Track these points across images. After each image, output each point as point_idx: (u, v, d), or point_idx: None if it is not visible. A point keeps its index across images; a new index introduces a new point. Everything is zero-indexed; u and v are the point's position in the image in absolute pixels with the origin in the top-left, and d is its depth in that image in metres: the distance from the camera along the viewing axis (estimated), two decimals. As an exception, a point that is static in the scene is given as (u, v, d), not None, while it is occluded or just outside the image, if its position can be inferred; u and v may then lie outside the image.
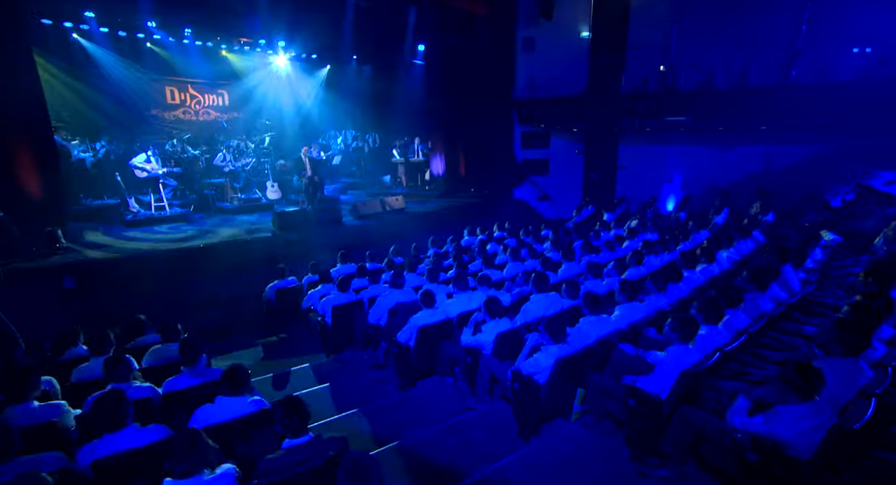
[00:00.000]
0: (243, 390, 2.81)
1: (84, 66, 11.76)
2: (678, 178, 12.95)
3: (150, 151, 9.88)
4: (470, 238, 9.08)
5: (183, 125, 14.07)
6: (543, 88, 13.01)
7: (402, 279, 5.29)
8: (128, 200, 9.77)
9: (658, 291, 4.39)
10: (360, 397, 4.61)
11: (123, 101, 12.57)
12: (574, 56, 12.97)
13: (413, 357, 4.52)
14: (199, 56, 13.51)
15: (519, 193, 13.86)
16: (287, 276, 6.74)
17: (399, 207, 10.99)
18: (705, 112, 11.33)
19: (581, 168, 13.83)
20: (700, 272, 5.17)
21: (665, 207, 12.58)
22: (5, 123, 6.89)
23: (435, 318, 4.52)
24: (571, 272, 5.98)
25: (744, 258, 6.18)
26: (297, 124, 15.73)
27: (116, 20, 11.45)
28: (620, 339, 3.81)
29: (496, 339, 4.03)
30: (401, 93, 15.58)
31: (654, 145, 13.13)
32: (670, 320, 3.19)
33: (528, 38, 13.06)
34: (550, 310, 4.43)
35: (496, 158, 13.50)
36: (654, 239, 7.04)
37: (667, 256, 6.19)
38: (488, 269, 6.14)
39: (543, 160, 13.86)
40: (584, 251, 6.41)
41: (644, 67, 12.58)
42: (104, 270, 7.13)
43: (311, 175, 10.97)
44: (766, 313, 3.91)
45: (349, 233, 9.74)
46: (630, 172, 13.30)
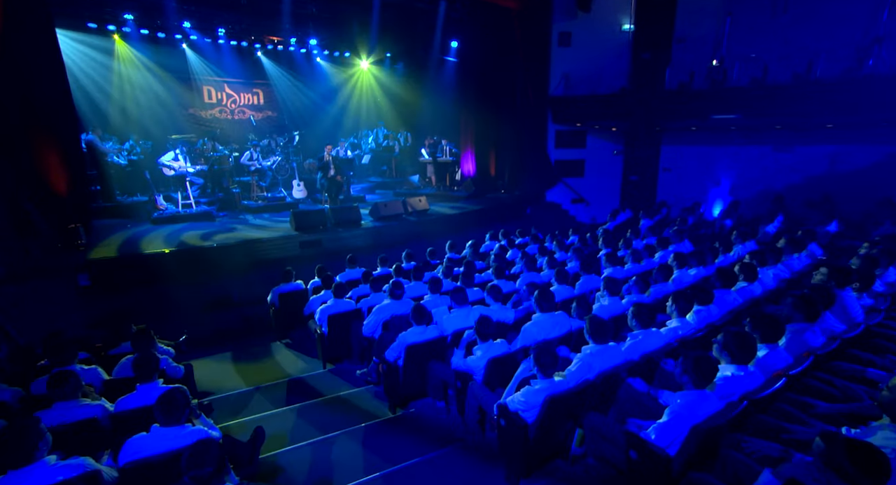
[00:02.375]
0: (179, 418, 2.51)
1: (127, 67, 12.18)
2: (727, 181, 11.90)
3: (178, 150, 10.04)
4: (490, 243, 8.61)
5: (219, 124, 14.37)
6: (580, 85, 12.28)
7: (401, 290, 4.90)
8: (156, 197, 9.95)
9: (681, 316, 3.78)
10: (347, 417, 4.28)
11: (162, 100, 12.93)
12: (613, 50, 12.18)
13: (402, 377, 4.14)
14: (234, 56, 13.74)
15: (552, 195, 13.19)
16: (293, 279, 6.52)
17: (422, 208, 10.64)
18: (760, 109, 10.23)
19: (620, 170, 13.02)
20: (737, 293, 4.48)
21: (711, 214, 11.58)
22: (33, 122, 7.05)
23: (426, 336, 4.11)
24: (591, 286, 5.41)
25: (795, 276, 5.38)
26: (329, 123, 15.74)
27: (156, 22, 11.76)
28: (631, 372, 3.26)
29: (488, 364, 3.57)
30: (432, 91, 15.23)
31: (700, 146, 12.14)
32: (682, 359, 2.63)
33: (564, 33, 12.37)
34: (554, 332, 3.92)
35: (528, 159, 12.89)
36: (688, 250, 6.32)
37: (702, 272, 5.48)
38: (499, 279, 5.65)
39: (579, 161, 13.12)
40: (608, 263, 5.79)
41: (691, 61, 11.62)
42: (121, 268, 7.18)
43: (334, 175, 10.81)
44: (814, 350, 3.23)
45: (368, 235, 9.48)
46: (674, 174, 12.37)
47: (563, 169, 13.12)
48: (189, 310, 7.21)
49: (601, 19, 12.27)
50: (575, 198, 13.18)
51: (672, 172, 12.32)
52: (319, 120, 15.77)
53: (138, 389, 3.07)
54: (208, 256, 7.87)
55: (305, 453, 3.72)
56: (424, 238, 10.04)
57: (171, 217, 9.58)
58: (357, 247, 9.05)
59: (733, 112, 10.41)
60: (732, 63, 11.10)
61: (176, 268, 7.55)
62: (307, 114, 15.64)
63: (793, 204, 10.12)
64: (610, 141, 13.02)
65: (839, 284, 4.00)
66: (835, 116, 9.59)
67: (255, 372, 5.43)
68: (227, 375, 5.37)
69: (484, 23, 12.15)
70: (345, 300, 5.35)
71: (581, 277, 5.46)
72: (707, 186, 12.04)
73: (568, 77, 12.39)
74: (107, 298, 6.93)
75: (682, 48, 11.99)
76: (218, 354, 5.94)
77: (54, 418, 2.74)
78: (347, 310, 5.27)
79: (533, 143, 12.89)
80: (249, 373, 5.41)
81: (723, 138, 11.99)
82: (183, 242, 8.09)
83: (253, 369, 5.51)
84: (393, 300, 4.89)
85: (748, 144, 11.65)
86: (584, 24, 12.34)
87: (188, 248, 7.81)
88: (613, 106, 12.12)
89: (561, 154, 13.04)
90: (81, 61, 11.57)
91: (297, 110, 15.54)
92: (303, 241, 8.53)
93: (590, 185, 13.10)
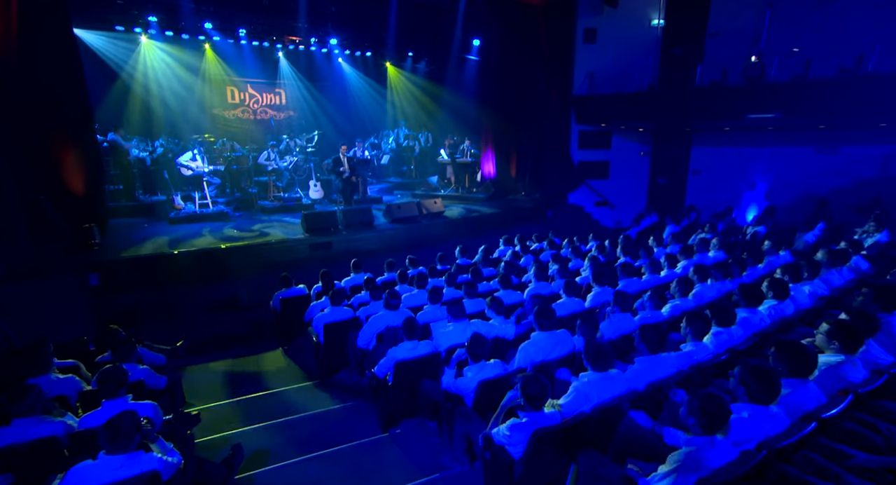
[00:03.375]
0: (127, 445, 2.31)
1: (153, 68, 12.41)
2: (762, 184, 11.16)
3: (196, 150, 10.10)
4: (505, 248, 8.26)
5: (241, 124, 14.53)
6: (605, 83, 11.76)
7: (397, 299, 4.65)
8: (174, 197, 10.05)
9: (696, 339, 3.38)
10: (336, 434, 4.06)
11: (187, 100, 13.13)
12: (641, 47, 11.60)
13: (391, 394, 3.88)
14: (256, 57, 13.85)
15: (574, 198, 12.70)
16: (293, 284, 6.35)
17: (437, 210, 10.38)
18: (803, 107, 9.49)
19: (647, 172, 12.44)
20: (766, 312, 4.02)
21: (745, 219, 10.87)
22: (50, 122, 7.15)
23: (417, 352, 3.83)
24: (604, 299, 5.01)
25: (835, 294, 4.84)
26: (349, 123, 15.69)
27: (179, 24, 11.91)
28: (635, 403, 2.90)
29: (478, 387, 3.27)
30: (454, 90, 14.99)
31: (733, 147, 11.44)
32: (687, 398, 2.27)
33: (589, 30, 11.86)
34: (554, 353, 3.58)
35: (550, 160, 12.44)
36: (712, 261, 5.83)
37: (727, 286, 5.01)
38: (506, 289, 5.33)
39: (603, 162, 12.58)
40: (622, 273, 5.37)
41: (725, 57, 10.94)
42: (131, 269, 7.20)
43: (349, 175, 10.68)
44: (854, 387, 2.79)
45: (381, 237, 9.28)
46: (704, 177, 11.70)
47: (587, 171, 12.61)
48: (196, 312, 7.18)
49: (629, 14, 11.71)
50: (598, 201, 12.66)
51: (702, 175, 11.64)
52: (340, 120, 15.75)
53: (104, 405, 2.91)
54: (218, 258, 7.83)
55: (285, 475, 3.51)
56: (439, 241, 9.79)
57: (187, 217, 9.65)
58: (369, 250, 8.87)
59: (772, 111, 9.71)
60: (771, 58, 10.37)
61: (185, 269, 7.54)
62: (328, 114, 15.64)
63: (837, 210, 9.36)
64: (636, 142, 12.43)
65: (886, 306, 3.50)
66: (890, 115, 8.78)
67: (250, 381, 5.29)
68: (221, 382, 5.25)
69: (506, 20, 11.79)
70: (342, 308, 5.13)
71: (593, 289, 5.08)
72: (740, 190, 11.32)
73: (592, 75, 11.88)
74: (116, 299, 6.95)
75: (715, 43, 11.32)
76: (217, 359, 5.85)
77: (9, 437, 2.61)
78: (344, 318, 5.06)
79: (555, 143, 12.44)
80: (244, 381, 5.26)
81: (759, 139, 11.25)
82: (195, 242, 8.10)
83: (249, 378, 5.37)
84: (388, 311, 4.64)
85: (787, 145, 10.87)
86: (611, 19, 11.81)
87: (198, 249, 7.79)
88: (640, 105, 11.54)
89: (584, 155, 12.54)
90: (110, 62, 11.83)
91: (318, 110, 15.56)
92: (312, 243, 8.40)
93: (615, 187, 12.54)
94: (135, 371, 3.57)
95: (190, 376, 5.28)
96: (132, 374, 3.55)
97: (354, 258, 6.77)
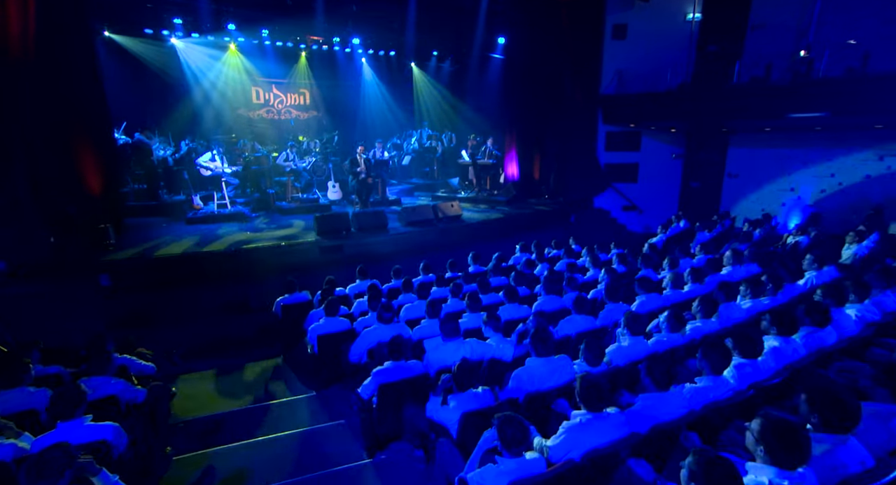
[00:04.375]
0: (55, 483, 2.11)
1: (179, 68, 12.61)
2: (807, 189, 10.32)
3: (215, 150, 10.15)
4: (521, 255, 7.86)
5: (265, 124, 14.63)
6: (635, 82, 11.16)
7: (390, 313, 4.37)
8: (193, 197, 10.13)
9: (714, 373, 2.95)
10: (318, 456, 3.83)
11: (213, 101, 13.30)
12: (675, 42, 10.94)
13: (376, 418, 3.61)
14: (280, 57, 13.93)
15: (600, 202, 12.14)
16: (297, 289, 6.17)
17: (454, 214, 10.06)
18: (857, 104, 8.65)
19: (679, 175, 11.74)
20: (802, 341, 3.52)
21: (786, 227, 10.07)
22: (68, 122, 7.26)
23: (403, 373, 3.54)
24: (618, 317, 4.58)
25: (888, 319, 4.24)
26: (372, 123, 15.59)
27: (204, 25, 12.05)
28: (635, 450, 2.51)
29: (462, 419, 2.95)
30: (478, 89, 14.68)
31: (775, 148, 10.62)
32: (690, 458, 1.88)
33: (619, 25, 11.29)
34: (550, 382, 3.21)
35: (575, 162, 11.94)
36: (743, 275, 5.29)
37: (760, 306, 4.49)
38: (511, 303, 4.97)
39: (632, 164, 11.97)
40: (640, 288, 4.92)
41: (767, 52, 10.16)
42: (142, 270, 7.22)
43: (366, 176, 10.51)
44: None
45: (394, 241, 9.04)
46: (741, 180, 10.94)
47: (614, 173, 12.03)
48: (204, 314, 7.13)
49: (662, 9, 11.07)
50: (626, 205, 12.05)
51: (739, 178, 10.88)
52: (364, 120, 15.68)
53: (59, 427, 2.75)
54: (230, 260, 7.77)
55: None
56: (455, 246, 9.47)
57: (204, 217, 9.69)
58: (381, 254, 8.64)
59: (820, 109, 8.91)
60: (821, 52, 9.54)
61: (197, 270, 7.53)
62: (351, 114, 15.60)
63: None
64: (668, 143, 11.76)
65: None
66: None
67: (243, 391, 5.13)
68: (214, 392, 5.12)
69: (531, 16, 11.36)
70: (337, 319, 4.90)
71: (606, 305, 4.66)
72: (782, 195, 10.50)
73: (621, 73, 11.30)
74: (127, 299, 6.97)
75: (757, 37, 10.55)
76: (215, 366, 5.71)
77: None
78: (339, 330, 4.83)
79: (581, 145, 11.92)
80: (238, 392, 5.11)
81: (804, 140, 10.39)
82: (208, 244, 8.08)
83: (243, 388, 5.22)
84: (381, 324, 4.37)
85: (837, 147, 9.99)
86: (642, 14, 11.20)
87: (210, 251, 7.76)
88: (673, 104, 10.89)
89: (612, 157, 11.96)
90: (138, 64, 12.07)
91: (341, 110, 15.55)
92: (323, 246, 8.24)
93: (644, 191, 11.91)
94: (108, 385, 3.42)
95: (183, 384, 5.17)
96: (105, 388, 3.42)
97: (360, 264, 6.53)
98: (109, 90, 10.70)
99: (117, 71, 11.59)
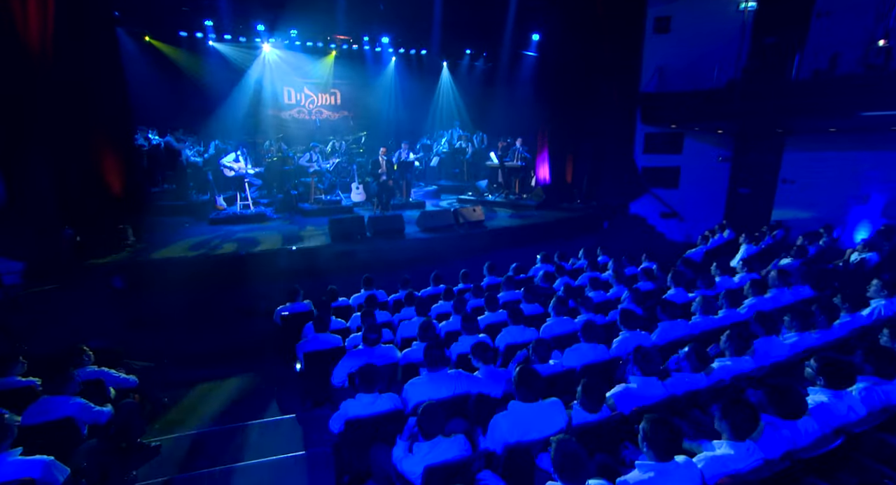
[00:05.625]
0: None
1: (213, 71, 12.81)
2: (879, 197, 9.12)
3: (239, 151, 10.16)
4: (540, 266, 7.30)
5: (296, 124, 14.68)
6: (678, 79, 10.28)
7: (376, 334, 3.99)
8: (216, 197, 10.19)
9: (735, 438, 2.37)
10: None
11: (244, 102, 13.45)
12: (724, 35, 9.99)
13: (344, 456, 3.24)
14: (312, 57, 13.93)
15: (636, 208, 11.32)
16: (300, 298, 5.91)
17: (476, 219, 9.60)
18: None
19: (725, 180, 10.75)
20: (860, 396, 2.84)
21: (852, 241, 8.94)
22: (89, 124, 7.37)
23: (374, 408, 3.15)
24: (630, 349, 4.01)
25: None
26: (403, 122, 15.35)
27: (236, 27, 12.18)
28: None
29: (425, 473, 2.52)
30: (510, 89, 14.13)
31: (840, 151, 9.47)
32: None
33: (662, 18, 10.44)
34: (535, 432, 2.72)
35: (611, 165, 11.22)
36: (791, 299, 4.55)
37: (807, 341, 3.79)
38: (516, 326, 4.48)
39: (672, 168, 11.07)
40: (663, 314, 4.30)
41: (835, 42, 9.06)
42: (157, 270, 7.23)
43: (387, 179, 10.22)
44: None
45: (411, 247, 8.69)
46: (798, 187, 9.87)
47: (653, 178, 11.18)
48: (213, 318, 7.05)
49: (711, -1, 10.15)
50: (665, 211, 11.16)
51: (796, 184, 9.79)
52: (394, 120, 15.45)
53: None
54: (243, 263, 7.68)
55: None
56: (476, 253, 9.02)
57: (226, 218, 9.71)
58: (396, 260, 8.33)
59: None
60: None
61: (210, 273, 7.47)
62: (382, 114, 15.40)
63: None
64: (714, 145, 10.78)
65: None
66: None
67: (230, 407, 4.90)
68: (198, 407, 4.91)
69: (567, 10, 10.74)
70: (327, 335, 4.58)
71: (622, 335, 4.09)
72: (847, 204, 9.35)
73: (663, 70, 10.44)
74: (139, 301, 6.98)
75: (822, 27, 9.44)
76: (208, 377, 5.54)
77: None
78: (327, 347, 4.49)
79: (617, 146, 11.17)
80: (224, 408, 4.88)
81: (877, 141, 9.20)
82: (223, 246, 8.03)
83: (231, 403, 4.99)
84: (365, 347, 4.00)
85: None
86: (688, 5, 10.31)
87: (223, 253, 7.70)
88: (721, 102, 9.91)
89: (650, 160, 11.12)
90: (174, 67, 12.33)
91: (372, 110, 15.38)
92: (335, 251, 8.01)
93: (685, 197, 10.99)
94: (65, 406, 3.23)
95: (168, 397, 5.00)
96: (61, 409, 3.22)
97: (366, 274, 6.20)
98: (146, 93, 11.12)
99: (155, 75, 11.91)
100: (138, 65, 11.49)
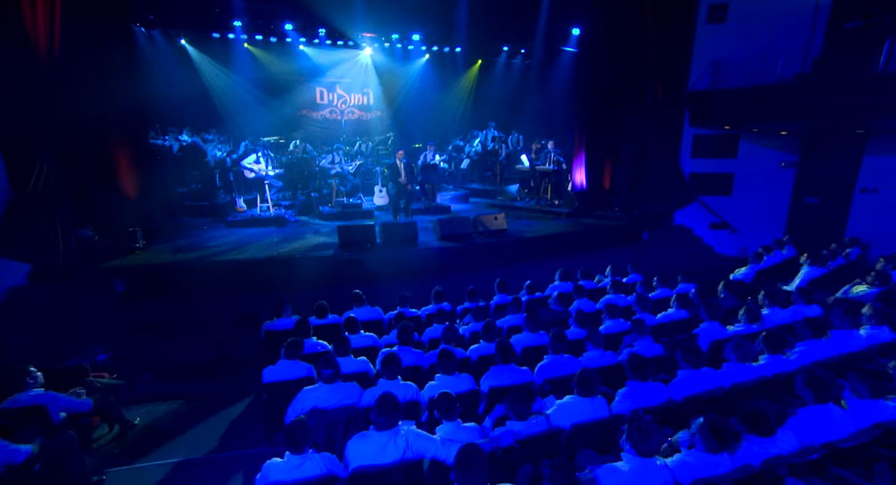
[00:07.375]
0: None
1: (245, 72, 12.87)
2: None
3: (260, 152, 10.02)
4: (559, 285, 6.52)
5: (329, 124, 14.55)
6: (734, 74, 9.07)
7: (332, 369, 3.45)
8: (236, 199, 10.10)
9: None
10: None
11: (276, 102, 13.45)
12: (792, 23, 8.71)
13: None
14: (344, 57, 13.73)
15: (682, 217, 10.17)
16: (288, 313, 5.49)
17: (498, 228, 8.89)
18: None
19: (789, 188, 9.42)
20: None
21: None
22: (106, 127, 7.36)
23: (299, 473, 2.60)
24: (650, 401, 3.23)
25: None
26: (435, 122, 14.86)
27: (267, 26, 12.13)
28: None
29: None
30: (548, 87, 13.30)
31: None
32: None
33: (718, 5, 9.25)
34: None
35: (654, 170, 10.13)
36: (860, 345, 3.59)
37: (880, 412, 2.87)
38: (506, 365, 3.80)
39: (725, 174, 9.84)
40: (684, 360, 3.47)
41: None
42: (155, 276, 7.10)
43: (406, 183, 9.73)
44: None
45: (422, 257, 8.10)
46: (880, 197, 8.43)
47: (702, 184, 9.99)
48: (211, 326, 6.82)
49: (777, -19, 8.88)
50: (716, 222, 9.94)
51: (878, 194, 8.35)
52: (426, 119, 15.00)
53: None
54: (249, 269, 7.44)
55: None
56: (496, 265, 8.35)
57: (243, 221, 9.57)
58: (405, 271, 7.77)
59: None
60: None
61: (214, 279, 7.26)
62: (414, 113, 14.98)
63: None
64: (775, 149, 9.45)
65: None
66: None
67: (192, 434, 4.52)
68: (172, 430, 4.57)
69: (610, 1, 9.78)
70: (296, 363, 4.09)
71: (627, 384, 3.32)
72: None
73: (718, 65, 9.25)
74: (141, 306, 6.87)
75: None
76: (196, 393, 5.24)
77: None
78: (293, 378, 4.01)
79: (662, 150, 10.08)
80: (188, 434, 4.52)
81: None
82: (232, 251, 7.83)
83: (194, 430, 4.60)
84: (321, 384, 3.47)
85: None
86: (750, -10, 9.08)
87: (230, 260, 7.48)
88: (787, 99, 8.65)
89: (699, 165, 9.93)
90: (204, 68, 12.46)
91: (405, 110, 15.05)
92: (341, 260, 7.59)
93: (739, 206, 9.73)
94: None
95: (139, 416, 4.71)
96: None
97: (356, 290, 5.69)
98: (177, 95, 11.28)
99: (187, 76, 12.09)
100: (172, 66, 11.70)
